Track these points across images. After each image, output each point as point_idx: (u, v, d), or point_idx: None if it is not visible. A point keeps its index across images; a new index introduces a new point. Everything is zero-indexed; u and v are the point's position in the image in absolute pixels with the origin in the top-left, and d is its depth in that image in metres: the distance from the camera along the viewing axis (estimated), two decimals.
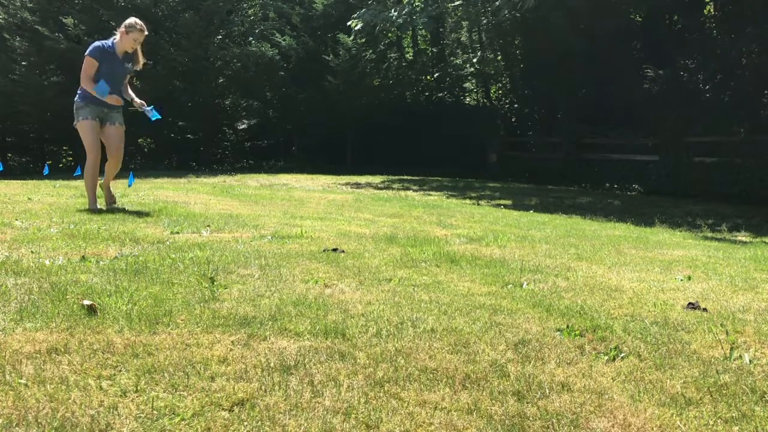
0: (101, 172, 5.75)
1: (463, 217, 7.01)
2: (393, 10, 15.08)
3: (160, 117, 5.75)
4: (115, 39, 5.63)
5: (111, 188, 5.98)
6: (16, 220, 4.75)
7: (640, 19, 16.94)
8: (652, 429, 1.82)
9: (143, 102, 5.74)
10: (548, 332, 2.57)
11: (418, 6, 15.16)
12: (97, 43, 5.67)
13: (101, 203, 5.73)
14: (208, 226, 4.94)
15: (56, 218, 4.92)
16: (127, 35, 5.58)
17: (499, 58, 20.33)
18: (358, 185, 12.07)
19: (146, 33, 5.70)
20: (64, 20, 15.12)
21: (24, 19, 15.49)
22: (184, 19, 16.01)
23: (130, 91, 5.80)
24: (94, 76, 5.53)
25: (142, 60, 5.85)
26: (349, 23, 15.55)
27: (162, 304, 2.65)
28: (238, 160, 19.14)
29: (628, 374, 2.18)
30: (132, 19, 5.71)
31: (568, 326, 2.63)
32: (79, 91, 5.59)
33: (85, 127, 5.53)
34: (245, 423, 1.73)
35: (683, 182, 13.28)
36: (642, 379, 2.15)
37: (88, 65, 5.55)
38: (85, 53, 5.62)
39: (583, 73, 15.81)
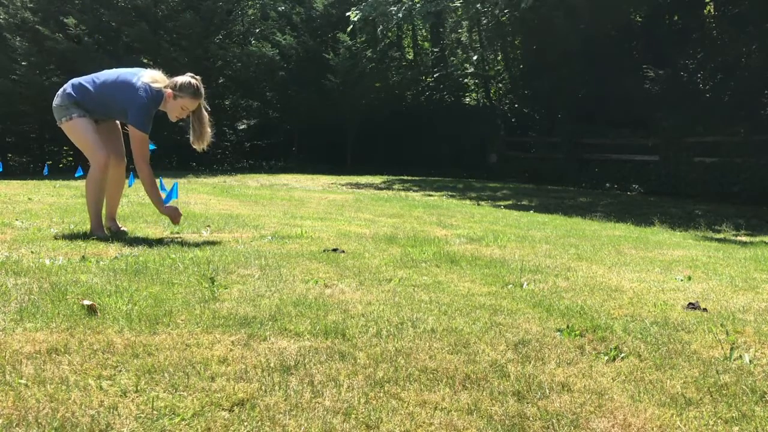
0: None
1: (463, 217, 7.01)
2: (392, 5, 15.11)
3: (155, 147, 4.49)
4: (161, 91, 4.10)
5: (116, 215, 4.53)
6: (16, 220, 4.75)
7: (640, 19, 16.95)
8: (652, 429, 1.82)
9: None
10: (548, 332, 2.56)
11: (418, 1, 15.18)
12: (142, 105, 4.03)
13: (106, 229, 4.35)
14: (208, 226, 4.94)
15: (56, 218, 4.92)
16: (175, 101, 4.10)
17: (499, 58, 20.34)
18: (358, 185, 12.07)
19: (202, 100, 4.19)
20: (64, 20, 15.13)
21: (24, 19, 15.50)
22: (184, 19, 16.02)
23: None
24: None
25: (209, 131, 4.26)
26: (347, 13, 15.56)
27: (162, 304, 2.65)
28: (238, 160, 19.14)
29: (628, 374, 2.18)
30: (187, 79, 4.11)
31: (568, 326, 2.63)
32: (71, 92, 4.14)
33: (79, 125, 4.12)
34: (245, 423, 1.73)
35: (683, 182, 13.29)
36: (642, 379, 2.15)
37: (144, 142, 4.09)
38: (131, 122, 4.04)
39: (583, 73, 15.83)
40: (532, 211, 8.85)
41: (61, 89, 4.22)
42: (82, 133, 4.14)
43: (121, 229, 4.45)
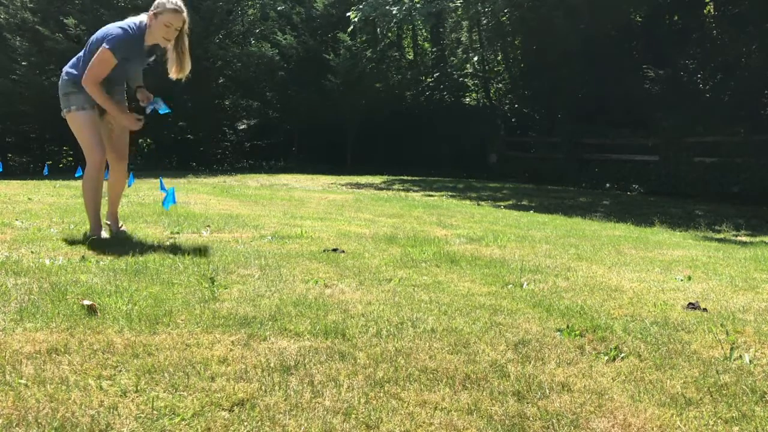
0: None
1: (463, 217, 7.01)
2: (393, 5, 15.11)
3: (170, 110, 4.32)
4: (143, 21, 3.96)
5: (117, 214, 4.42)
6: (16, 220, 4.75)
7: (640, 19, 16.95)
8: (652, 429, 1.82)
9: (149, 95, 4.22)
10: (548, 332, 2.56)
11: (418, 2, 15.18)
12: (122, 31, 3.89)
13: (106, 229, 4.29)
14: (208, 226, 4.94)
15: (56, 218, 4.92)
16: (157, 20, 3.89)
17: (499, 58, 20.34)
18: (358, 185, 12.07)
19: (185, 16, 3.95)
20: (64, 20, 15.14)
21: (24, 19, 15.51)
22: None
23: (144, 91, 4.26)
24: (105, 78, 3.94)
25: (189, 61, 4.08)
26: (348, 14, 15.57)
27: (162, 304, 2.65)
28: (238, 160, 19.16)
29: (628, 374, 2.18)
30: None
31: (568, 326, 2.63)
32: (68, 70, 4.07)
33: (80, 119, 4.02)
34: (245, 423, 1.73)
35: (683, 182, 13.29)
36: (642, 379, 2.15)
37: (104, 63, 3.88)
38: (105, 43, 3.85)
39: (583, 73, 15.83)
40: (532, 211, 8.84)
41: (63, 72, 4.13)
42: (81, 128, 4.04)
43: (121, 228, 4.38)
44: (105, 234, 4.18)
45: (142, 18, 3.98)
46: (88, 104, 4.00)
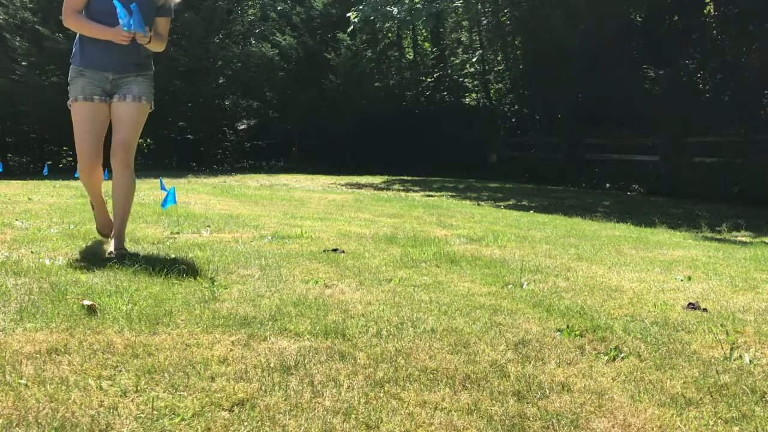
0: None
1: (463, 217, 7.00)
2: (393, 6, 15.09)
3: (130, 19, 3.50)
4: None
5: (123, 234, 3.72)
6: (17, 220, 4.75)
7: (640, 19, 16.95)
8: (652, 429, 1.82)
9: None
10: (548, 332, 2.56)
11: (418, 2, 15.17)
12: None
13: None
14: (208, 226, 4.94)
15: (56, 218, 4.92)
16: None
17: (499, 58, 20.34)
18: (358, 185, 12.07)
19: None
20: None
21: (24, 19, 15.52)
22: (184, 19, 16.03)
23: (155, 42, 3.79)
24: (84, 13, 3.60)
25: None
26: (348, 14, 15.57)
27: (162, 304, 2.65)
28: (238, 160, 19.18)
29: (628, 374, 2.18)
30: None
31: (568, 326, 2.63)
32: (73, 51, 3.68)
33: (73, 113, 3.63)
34: (245, 423, 1.73)
35: (683, 182, 13.28)
36: (642, 379, 2.15)
37: None
38: None
39: (583, 73, 15.82)
40: (532, 211, 8.84)
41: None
42: (74, 124, 3.66)
43: (121, 250, 3.61)
44: (108, 233, 3.88)
45: None
46: (81, 95, 3.61)
